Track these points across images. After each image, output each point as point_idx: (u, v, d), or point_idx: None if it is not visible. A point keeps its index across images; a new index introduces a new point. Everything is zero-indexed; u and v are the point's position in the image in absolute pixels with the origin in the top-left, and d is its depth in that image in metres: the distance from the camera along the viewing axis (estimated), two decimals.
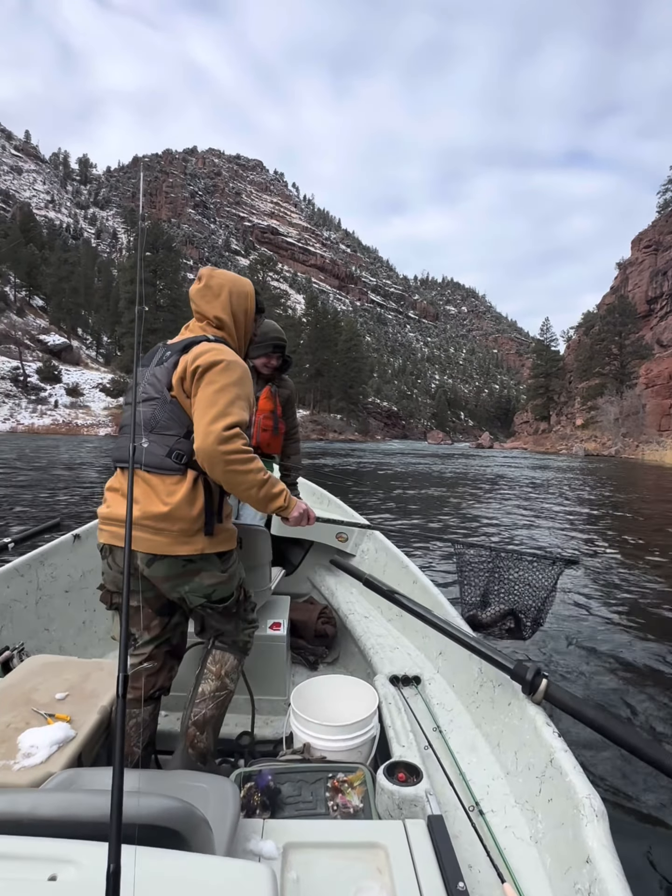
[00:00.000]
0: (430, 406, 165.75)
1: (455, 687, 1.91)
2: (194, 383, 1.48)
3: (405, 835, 1.20)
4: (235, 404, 1.45)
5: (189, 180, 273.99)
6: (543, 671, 1.48)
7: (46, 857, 0.68)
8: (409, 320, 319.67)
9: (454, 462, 33.27)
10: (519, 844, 1.24)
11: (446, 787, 1.43)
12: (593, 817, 1.07)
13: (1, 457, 21.51)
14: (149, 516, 1.45)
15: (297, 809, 1.41)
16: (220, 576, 1.58)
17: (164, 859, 0.74)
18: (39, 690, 1.74)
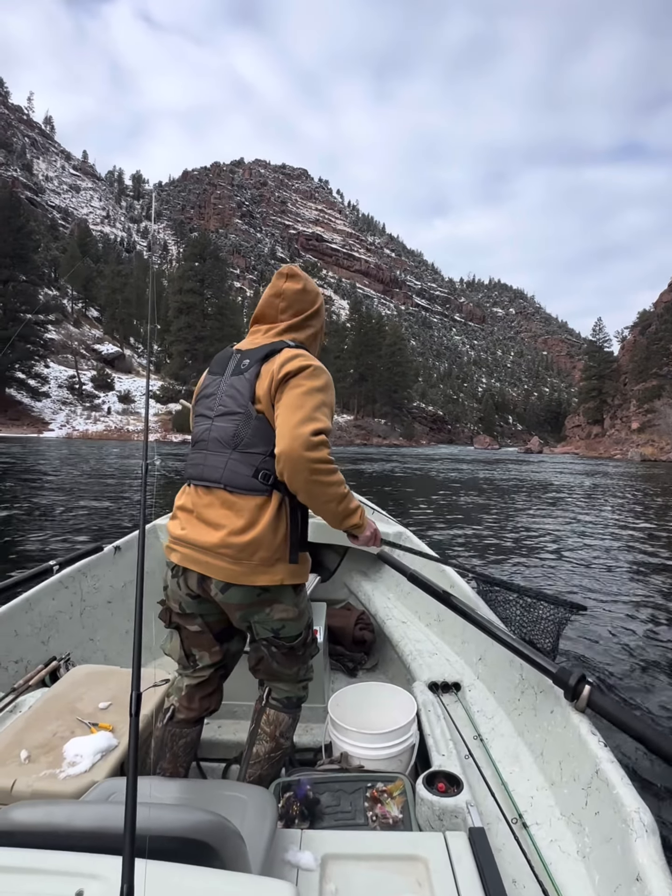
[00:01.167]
0: (477, 410, 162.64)
1: (496, 693, 1.85)
2: (279, 388, 1.39)
3: (446, 847, 1.17)
4: (321, 410, 1.37)
5: (236, 191, 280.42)
6: (588, 677, 1.43)
7: (75, 871, 0.69)
8: (455, 323, 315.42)
9: (500, 468, 32.40)
10: (565, 859, 1.19)
11: (488, 797, 1.39)
12: (643, 832, 1.02)
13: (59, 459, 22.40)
14: (230, 545, 1.36)
15: (336, 820, 1.39)
16: (293, 610, 1.49)
17: (185, 876, 0.73)
18: (84, 700, 1.78)
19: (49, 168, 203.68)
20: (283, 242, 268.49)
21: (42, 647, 2.26)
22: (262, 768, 1.56)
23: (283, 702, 1.60)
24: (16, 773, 1.42)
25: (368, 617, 2.84)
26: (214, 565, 1.38)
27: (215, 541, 1.37)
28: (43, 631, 2.30)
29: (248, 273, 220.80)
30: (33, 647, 2.23)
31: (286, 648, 1.53)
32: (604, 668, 3.71)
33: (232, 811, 1.07)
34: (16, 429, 47.63)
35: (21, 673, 2.11)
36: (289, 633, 1.51)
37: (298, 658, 1.58)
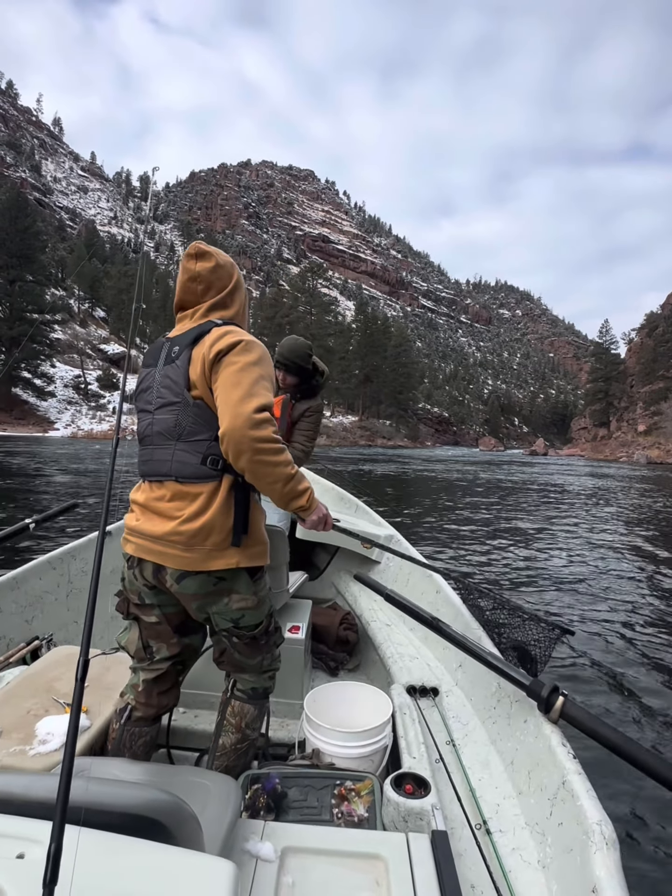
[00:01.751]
0: (483, 412, 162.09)
1: (473, 701, 1.87)
2: (213, 369, 1.35)
3: (407, 848, 1.17)
4: (260, 384, 1.33)
5: (243, 192, 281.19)
6: (562, 689, 1.44)
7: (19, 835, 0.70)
8: (461, 325, 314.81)
9: (504, 470, 32.25)
10: (525, 868, 1.20)
11: (454, 802, 1.39)
12: (603, 845, 1.03)
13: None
14: (181, 532, 1.35)
15: (302, 814, 1.40)
16: (251, 599, 1.47)
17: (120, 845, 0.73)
18: (62, 680, 1.80)
19: (57, 169, 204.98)
20: (289, 243, 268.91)
21: (26, 626, 2.27)
22: (229, 759, 1.56)
23: (248, 693, 1.59)
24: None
25: (354, 618, 2.83)
26: (167, 554, 1.37)
27: (167, 530, 1.36)
28: (27, 610, 2.32)
29: (254, 274, 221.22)
30: (17, 625, 2.24)
31: (248, 638, 1.52)
32: (583, 678, 3.68)
33: (194, 796, 1.08)
34: (21, 428, 47.84)
35: (2, 650, 2.11)
36: (249, 622, 1.49)
37: (261, 647, 1.56)
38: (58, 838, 0.57)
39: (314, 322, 73.88)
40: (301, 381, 2.89)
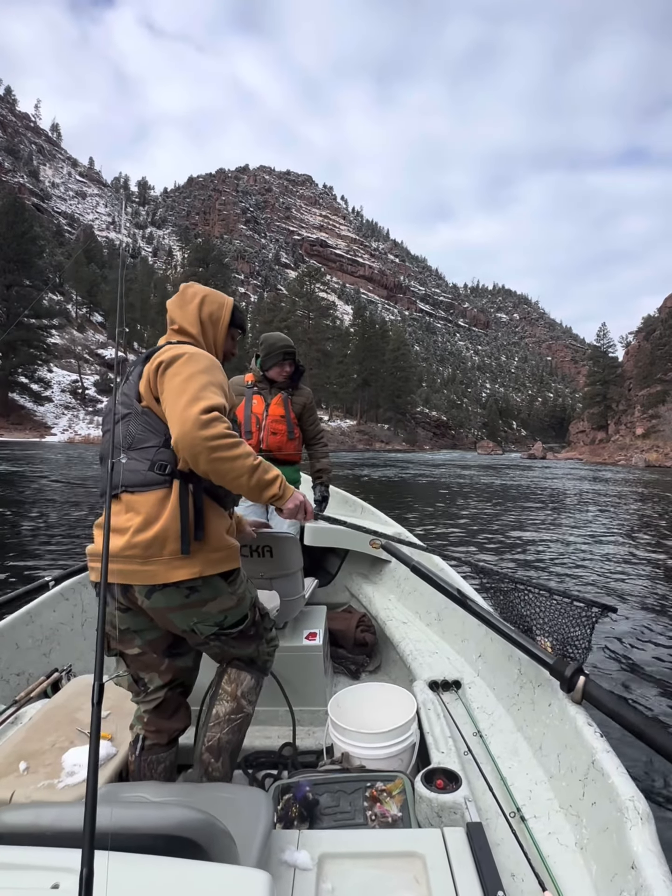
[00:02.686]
0: (481, 415, 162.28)
1: (496, 690, 1.87)
2: (159, 381, 1.37)
3: (443, 843, 1.17)
4: (208, 389, 1.32)
5: (241, 197, 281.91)
6: (584, 668, 1.42)
7: (52, 866, 0.71)
8: (459, 329, 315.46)
9: (501, 473, 32.17)
10: (563, 851, 1.20)
11: (486, 793, 1.39)
12: (638, 820, 1.03)
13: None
14: (134, 545, 1.31)
15: (336, 820, 1.39)
16: (230, 599, 1.44)
17: (153, 865, 0.73)
18: (84, 710, 1.80)
19: (55, 174, 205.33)
20: (287, 248, 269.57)
21: (44, 660, 2.28)
22: (222, 730, 1.51)
23: (245, 660, 1.58)
24: (14, 785, 1.44)
25: (370, 619, 2.83)
26: (127, 571, 1.32)
27: (122, 544, 1.31)
28: (44, 643, 2.32)
29: (252, 278, 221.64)
30: (35, 659, 2.25)
31: (236, 633, 1.50)
32: (600, 664, 3.76)
33: (224, 812, 1.07)
34: (18, 433, 47.68)
35: (23, 685, 2.11)
36: (233, 620, 1.47)
37: (252, 637, 1.56)
38: (88, 863, 0.58)
39: (312, 326, 73.91)
40: (297, 368, 3.06)
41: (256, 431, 2.97)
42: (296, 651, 2.18)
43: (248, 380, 3.14)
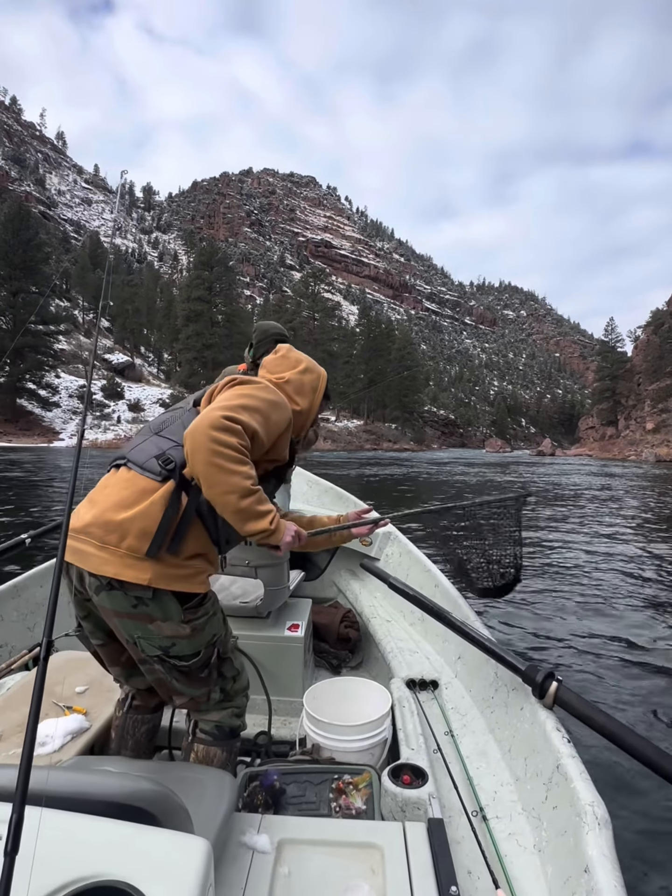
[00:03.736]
0: (489, 413, 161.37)
1: (472, 692, 1.89)
2: (224, 389, 1.39)
3: (403, 837, 1.19)
4: (249, 410, 1.28)
5: (245, 200, 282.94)
6: (557, 675, 1.44)
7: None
8: (466, 327, 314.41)
9: (510, 470, 31.89)
10: (521, 852, 1.21)
11: (452, 791, 1.40)
12: (595, 825, 1.04)
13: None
14: (99, 523, 1.22)
15: (300, 809, 1.40)
16: (182, 628, 1.27)
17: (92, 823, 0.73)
18: (62, 684, 1.84)
19: (61, 182, 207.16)
20: (292, 250, 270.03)
21: (28, 633, 2.31)
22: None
23: (212, 734, 1.43)
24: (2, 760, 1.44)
25: (355, 615, 2.84)
26: (82, 552, 1.22)
27: (88, 518, 1.24)
28: (29, 617, 2.35)
29: (257, 281, 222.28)
30: (19, 632, 2.28)
31: (182, 667, 1.33)
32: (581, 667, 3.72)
33: (188, 790, 1.08)
34: (27, 439, 47.99)
35: (5, 657, 2.14)
36: (181, 651, 1.30)
37: (202, 680, 1.37)
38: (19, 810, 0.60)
39: (318, 327, 73.92)
40: None
41: None
42: (277, 641, 2.19)
43: (241, 369, 3.15)
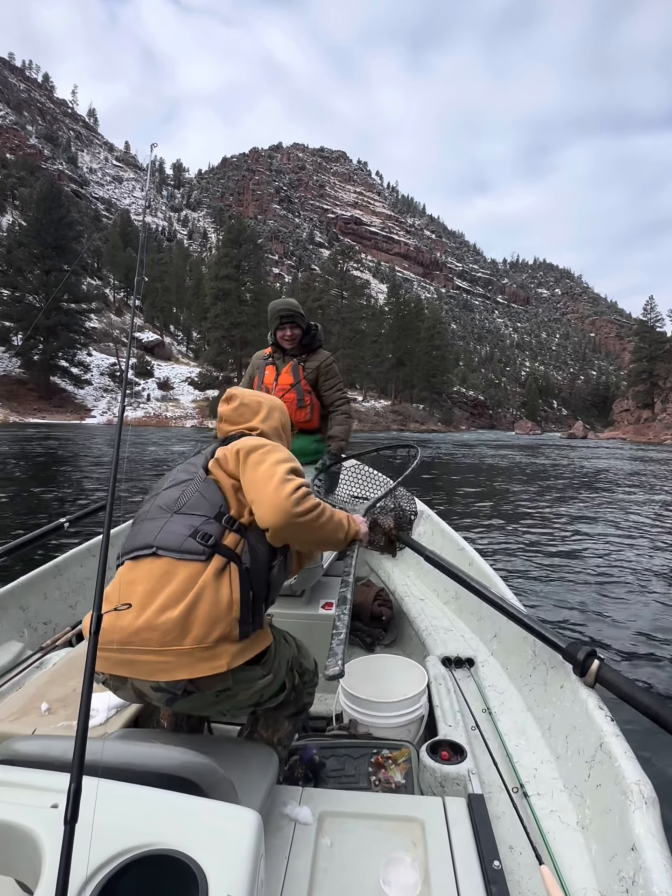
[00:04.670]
0: (520, 395, 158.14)
1: (508, 669, 1.89)
2: (241, 467, 1.31)
3: (443, 811, 1.19)
4: (294, 472, 1.28)
5: (274, 176, 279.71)
6: (598, 653, 1.43)
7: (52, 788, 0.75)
8: (498, 306, 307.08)
9: (538, 453, 31.24)
10: (563, 829, 1.21)
11: (491, 768, 1.40)
12: (642, 804, 1.03)
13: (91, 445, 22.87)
14: (153, 626, 1.07)
15: (340, 783, 1.42)
16: (265, 679, 1.25)
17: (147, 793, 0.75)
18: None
19: (93, 160, 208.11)
20: (321, 227, 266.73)
21: (70, 611, 2.41)
22: None
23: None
24: (36, 723, 1.52)
25: (388, 594, 2.87)
26: (135, 661, 1.09)
27: (137, 625, 1.08)
28: (71, 595, 2.46)
29: (286, 259, 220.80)
30: (61, 610, 2.38)
31: (275, 704, 1.36)
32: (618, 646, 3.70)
33: (232, 763, 1.10)
34: (59, 415, 49.10)
35: (49, 634, 2.25)
36: (269, 694, 1.31)
37: (293, 701, 1.41)
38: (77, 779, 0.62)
39: (346, 306, 72.98)
40: (303, 333, 3.04)
41: None
42: (311, 619, 2.24)
43: (266, 352, 3.17)
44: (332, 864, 1.08)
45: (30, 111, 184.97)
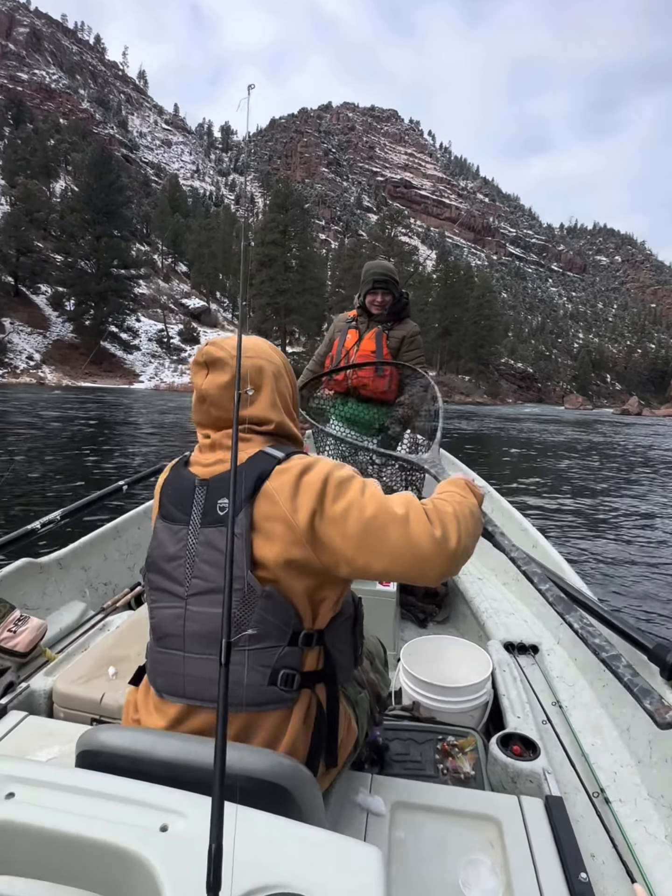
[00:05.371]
0: (572, 368, 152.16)
1: (577, 661, 1.79)
2: (312, 539, 0.88)
3: (521, 811, 1.13)
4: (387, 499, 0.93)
5: (323, 138, 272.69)
6: None
7: (160, 805, 0.69)
8: (552, 273, 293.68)
9: (591, 430, 30.10)
10: (651, 841, 1.12)
11: (566, 767, 1.32)
12: None
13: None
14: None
15: (406, 768, 1.36)
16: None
17: (272, 826, 0.69)
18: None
19: (143, 124, 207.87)
20: (369, 191, 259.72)
21: (128, 573, 2.43)
22: None
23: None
24: (104, 688, 1.52)
25: None
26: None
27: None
28: (129, 557, 2.48)
29: (333, 224, 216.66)
30: (121, 571, 2.41)
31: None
32: None
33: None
34: (109, 380, 50.51)
35: (109, 595, 2.27)
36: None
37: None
38: (217, 838, 0.52)
39: None
40: (394, 301, 2.92)
41: None
42: (369, 595, 2.17)
43: (351, 315, 3.07)
44: (407, 859, 1.04)
45: (82, 74, 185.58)
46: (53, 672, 1.62)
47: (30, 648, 1.67)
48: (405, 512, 0.90)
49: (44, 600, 2.00)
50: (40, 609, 1.95)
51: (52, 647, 1.81)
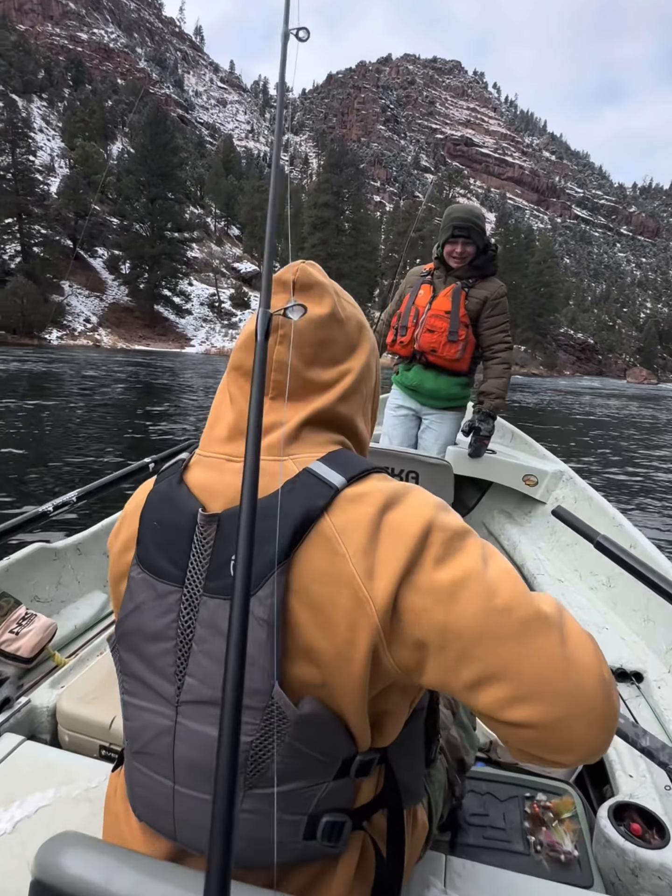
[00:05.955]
0: (636, 339, 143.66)
1: None
2: (392, 639, 0.53)
3: None
4: (535, 597, 0.55)
5: (381, 93, 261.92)
6: None
7: None
8: (621, 238, 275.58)
9: (658, 405, 28.28)
10: None
11: None
12: None
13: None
14: None
15: (486, 838, 1.02)
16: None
17: None
18: None
19: (199, 82, 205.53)
20: (428, 150, 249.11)
21: None
22: None
23: None
24: (116, 708, 1.19)
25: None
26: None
27: None
28: None
29: (388, 185, 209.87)
30: None
31: None
32: None
33: None
34: (162, 343, 51.34)
35: None
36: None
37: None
38: None
39: None
40: (477, 253, 2.57)
41: (413, 327, 2.54)
42: None
43: (427, 268, 2.69)
44: None
45: (139, 33, 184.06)
46: (60, 682, 1.35)
47: (35, 653, 1.43)
48: (558, 617, 0.54)
49: (58, 592, 1.76)
50: (53, 601, 1.73)
51: (64, 648, 1.58)
